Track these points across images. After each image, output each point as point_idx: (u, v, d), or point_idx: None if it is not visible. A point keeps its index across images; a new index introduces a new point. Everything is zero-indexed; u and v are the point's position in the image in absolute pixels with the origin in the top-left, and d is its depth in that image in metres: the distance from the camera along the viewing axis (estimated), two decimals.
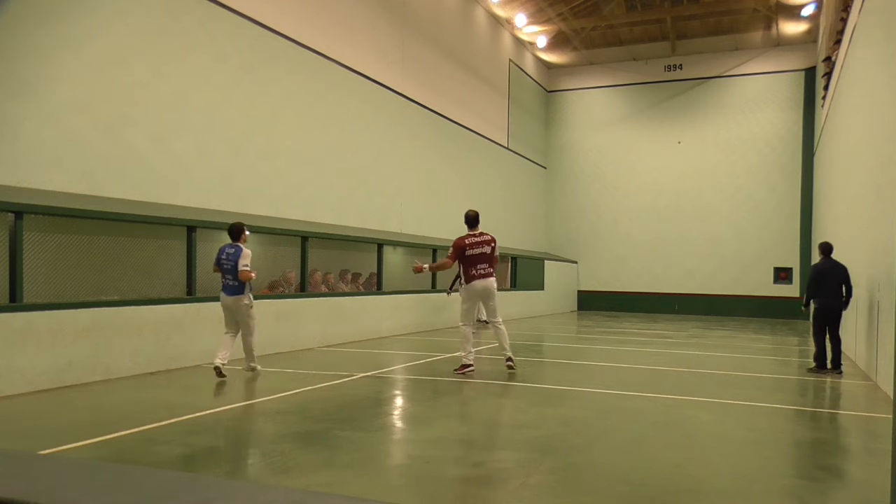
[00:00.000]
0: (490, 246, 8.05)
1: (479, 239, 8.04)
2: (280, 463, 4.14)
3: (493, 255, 8.06)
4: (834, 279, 8.58)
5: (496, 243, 8.16)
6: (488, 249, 8.02)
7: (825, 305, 8.62)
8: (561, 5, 20.58)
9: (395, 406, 6.26)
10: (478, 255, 7.97)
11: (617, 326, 17.02)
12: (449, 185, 17.85)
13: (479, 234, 8.12)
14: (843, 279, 8.61)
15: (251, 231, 10.05)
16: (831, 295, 8.58)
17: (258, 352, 9.20)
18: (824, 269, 8.66)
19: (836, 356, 8.72)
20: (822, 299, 8.62)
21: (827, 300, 8.60)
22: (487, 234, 8.17)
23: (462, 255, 7.97)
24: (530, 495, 3.63)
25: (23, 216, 6.39)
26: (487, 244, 8.03)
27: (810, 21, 20.60)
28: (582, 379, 8.14)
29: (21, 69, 7.33)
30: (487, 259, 8.00)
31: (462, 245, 7.99)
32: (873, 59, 9.08)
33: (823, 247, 8.95)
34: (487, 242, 8.04)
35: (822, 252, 8.91)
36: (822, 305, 8.63)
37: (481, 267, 7.97)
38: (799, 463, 4.59)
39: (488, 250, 8.02)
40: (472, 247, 7.98)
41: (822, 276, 8.62)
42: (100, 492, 0.83)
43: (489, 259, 8.02)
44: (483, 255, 7.98)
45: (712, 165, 23.18)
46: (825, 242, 9.12)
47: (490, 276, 8.06)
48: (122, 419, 5.17)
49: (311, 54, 12.26)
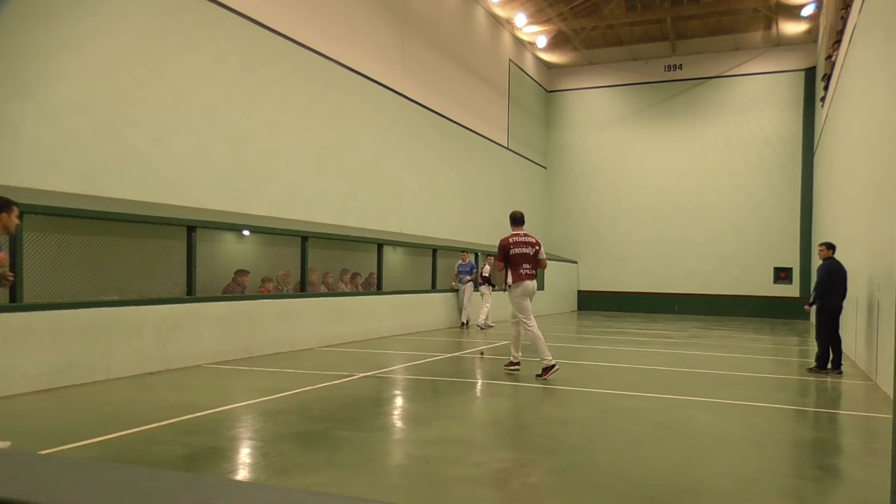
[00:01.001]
0: (534, 248, 8.07)
1: (522, 239, 8.06)
2: (280, 463, 4.14)
3: (536, 257, 8.07)
4: (840, 279, 8.56)
5: (541, 247, 8.19)
6: (531, 251, 8.03)
7: (834, 305, 8.52)
8: (561, 5, 20.58)
9: (395, 406, 6.26)
10: (521, 255, 7.98)
11: (617, 326, 17.02)
12: (449, 185, 17.85)
13: (523, 234, 8.15)
14: (845, 280, 8.62)
15: (251, 231, 10.06)
16: (839, 295, 8.53)
17: (265, 350, 9.23)
18: (833, 269, 8.59)
19: (837, 356, 8.71)
20: (830, 299, 8.52)
21: (835, 300, 8.52)
22: (532, 237, 8.22)
23: (506, 254, 8.00)
24: (530, 495, 3.63)
25: (23, 216, 6.38)
26: (531, 245, 8.06)
27: (810, 21, 20.60)
28: (582, 379, 8.14)
29: (21, 69, 7.33)
30: (531, 260, 8.02)
31: (506, 244, 8.02)
32: (873, 59, 9.08)
33: (830, 245, 8.91)
34: (531, 244, 8.08)
35: (828, 250, 8.84)
36: (831, 305, 8.52)
37: (526, 266, 7.98)
38: (799, 463, 4.59)
39: (531, 252, 8.03)
40: (516, 246, 8.01)
41: (831, 276, 8.54)
42: (100, 492, 0.83)
43: (533, 260, 8.03)
44: (526, 255, 7.99)
45: (712, 165, 23.18)
46: (829, 242, 9.09)
47: (533, 278, 8.08)
48: (122, 419, 5.17)
49: (311, 54, 12.26)
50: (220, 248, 9.99)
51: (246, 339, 8.99)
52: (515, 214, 8.33)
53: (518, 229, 8.17)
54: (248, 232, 10.21)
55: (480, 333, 13.67)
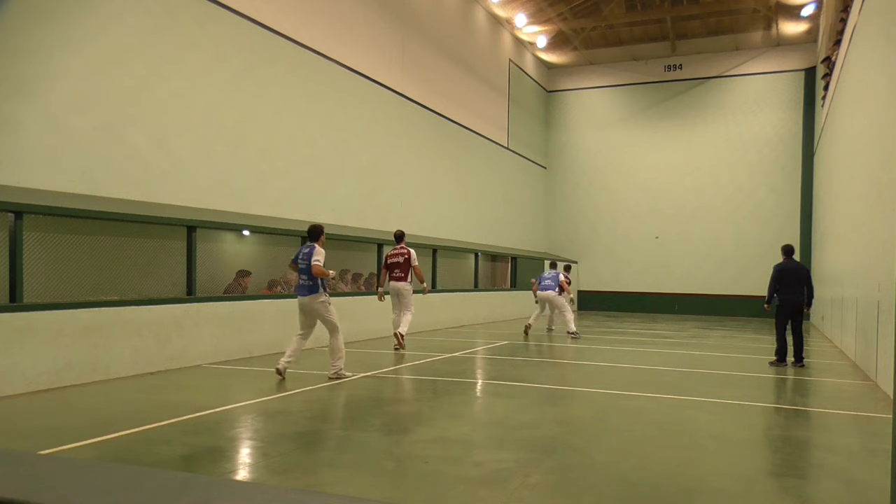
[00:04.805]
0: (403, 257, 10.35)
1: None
2: (280, 463, 4.14)
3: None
4: (793, 277, 9.32)
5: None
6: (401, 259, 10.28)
7: (787, 302, 9.31)
8: (561, 5, 20.59)
9: (395, 406, 6.26)
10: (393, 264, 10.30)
11: (617, 326, 17.02)
12: (449, 185, 17.85)
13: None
14: (804, 278, 9.34)
15: (251, 231, 10.07)
16: (790, 292, 9.31)
17: (265, 350, 9.23)
18: (784, 269, 9.45)
19: (799, 350, 9.35)
20: (782, 296, 9.36)
21: (790, 297, 9.30)
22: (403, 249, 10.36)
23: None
24: (530, 495, 3.63)
25: (23, 216, 6.39)
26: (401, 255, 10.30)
27: (810, 21, 20.60)
28: (582, 379, 8.14)
29: (21, 69, 7.33)
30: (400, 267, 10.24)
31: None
32: (873, 59, 9.08)
33: (785, 248, 9.78)
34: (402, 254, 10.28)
35: (784, 253, 9.71)
36: (782, 301, 9.35)
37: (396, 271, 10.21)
38: (799, 463, 4.59)
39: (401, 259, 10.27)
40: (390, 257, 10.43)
41: (782, 275, 9.40)
42: (100, 492, 0.83)
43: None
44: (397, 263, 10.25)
45: (712, 165, 23.18)
46: (787, 244, 9.93)
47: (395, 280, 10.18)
48: (122, 419, 5.17)
49: (311, 54, 12.26)
50: (221, 248, 9.99)
51: (246, 339, 8.99)
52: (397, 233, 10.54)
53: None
54: (248, 232, 10.22)
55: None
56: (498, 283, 19.98)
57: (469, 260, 17.57)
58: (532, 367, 9.22)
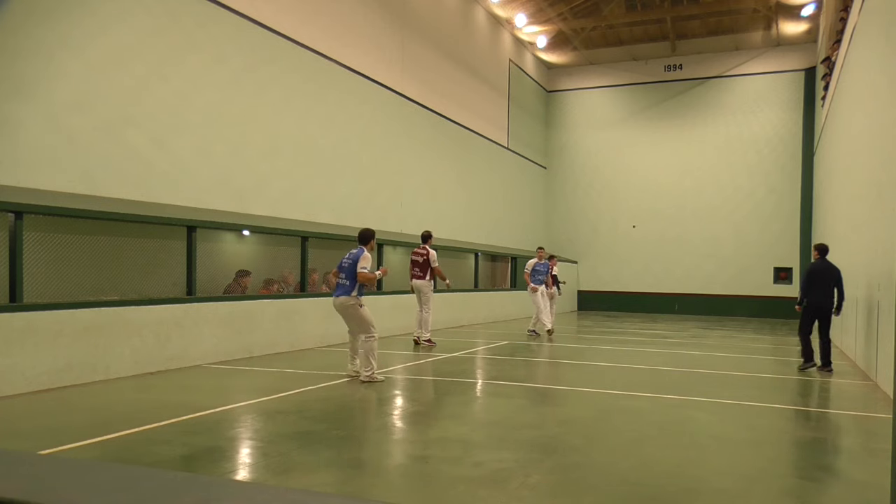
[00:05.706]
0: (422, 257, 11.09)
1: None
2: (280, 463, 4.14)
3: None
4: (822, 279, 8.83)
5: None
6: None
7: (814, 304, 8.87)
8: (561, 5, 20.58)
9: (395, 406, 6.26)
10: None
11: (617, 326, 17.02)
12: (449, 185, 17.84)
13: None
14: (836, 281, 8.82)
15: (251, 231, 10.07)
16: (822, 295, 8.83)
17: (265, 350, 9.23)
18: (814, 269, 8.96)
19: (825, 354, 8.87)
20: (809, 297, 8.89)
21: (817, 299, 8.85)
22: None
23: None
24: (530, 495, 3.63)
25: (23, 216, 6.39)
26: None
27: (810, 21, 20.60)
28: (582, 379, 8.14)
29: (21, 69, 7.33)
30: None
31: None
32: (873, 59, 9.08)
33: (819, 248, 9.23)
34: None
35: (819, 252, 9.16)
36: (812, 304, 8.88)
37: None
38: (799, 463, 4.59)
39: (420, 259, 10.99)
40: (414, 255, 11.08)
41: (811, 276, 8.92)
42: (100, 492, 0.83)
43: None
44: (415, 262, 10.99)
45: (712, 165, 23.17)
46: (820, 244, 9.37)
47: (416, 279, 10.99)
48: (122, 419, 5.17)
49: (311, 54, 12.26)
50: (221, 248, 9.99)
51: (246, 339, 8.99)
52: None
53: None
54: (248, 232, 10.21)
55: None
56: (498, 283, 19.98)
57: (469, 260, 17.56)
58: (532, 367, 9.22)
